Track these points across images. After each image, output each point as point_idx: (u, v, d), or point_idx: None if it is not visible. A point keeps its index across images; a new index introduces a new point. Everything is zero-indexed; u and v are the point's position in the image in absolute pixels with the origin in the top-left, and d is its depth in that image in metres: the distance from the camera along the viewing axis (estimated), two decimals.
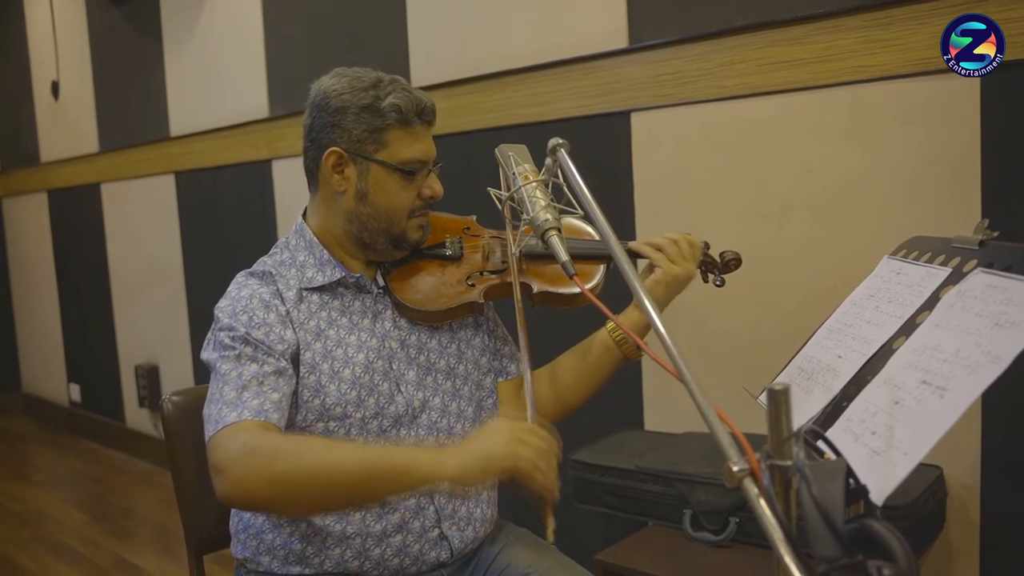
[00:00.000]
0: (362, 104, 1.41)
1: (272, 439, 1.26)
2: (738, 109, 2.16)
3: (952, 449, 1.87)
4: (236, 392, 1.30)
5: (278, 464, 1.21)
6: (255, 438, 1.25)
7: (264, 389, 1.31)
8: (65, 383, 5.37)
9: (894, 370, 1.00)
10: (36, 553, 3.54)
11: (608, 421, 2.41)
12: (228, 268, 1.51)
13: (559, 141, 1.27)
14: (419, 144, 1.44)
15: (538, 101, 2.55)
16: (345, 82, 1.43)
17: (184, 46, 3.96)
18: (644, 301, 1.01)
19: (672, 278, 1.50)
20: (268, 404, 1.30)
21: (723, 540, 1.87)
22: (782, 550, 0.72)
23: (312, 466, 1.21)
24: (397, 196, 1.45)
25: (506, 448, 1.17)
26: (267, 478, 1.21)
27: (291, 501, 1.25)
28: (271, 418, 1.29)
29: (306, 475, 1.21)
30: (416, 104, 1.42)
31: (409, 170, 1.44)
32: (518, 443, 1.18)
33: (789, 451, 0.80)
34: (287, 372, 1.36)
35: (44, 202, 5.29)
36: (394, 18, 2.94)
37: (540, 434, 1.22)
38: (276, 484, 1.21)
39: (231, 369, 1.33)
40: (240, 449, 1.23)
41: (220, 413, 1.28)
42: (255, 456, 1.22)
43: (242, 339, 1.35)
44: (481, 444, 1.19)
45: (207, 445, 1.29)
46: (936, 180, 1.88)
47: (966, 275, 1.02)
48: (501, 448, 1.17)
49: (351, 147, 1.43)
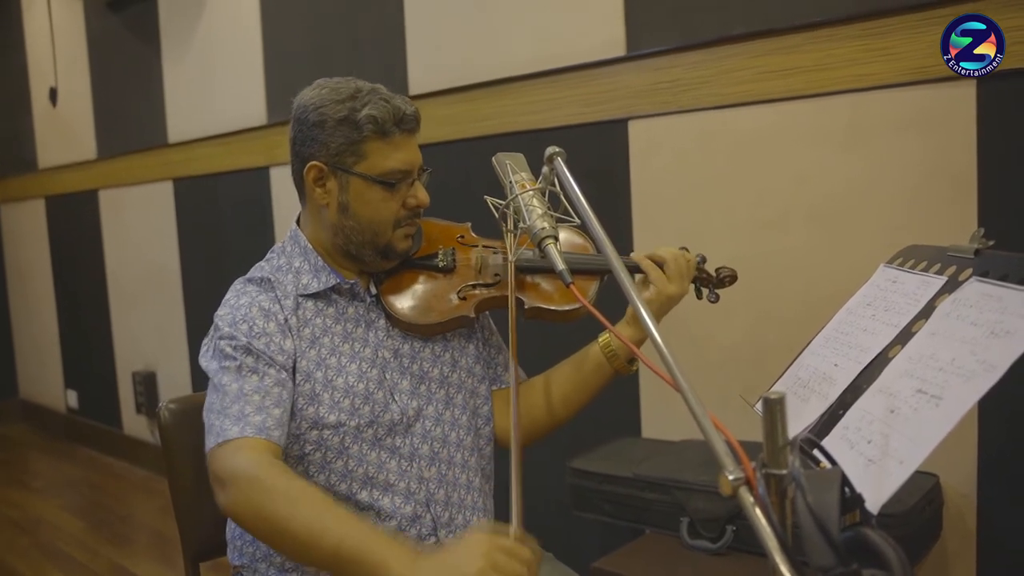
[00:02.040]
0: (339, 117, 1.40)
1: (275, 476, 1.24)
2: (736, 117, 2.17)
3: (949, 457, 1.87)
4: (239, 405, 1.30)
5: (270, 505, 1.21)
6: (259, 465, 1.25)
7: (267, 404, 1.31)
8: (62, 389, 5.36)
9: (890, 379, 1.00)
10: (33, 560, 3.53)
11: (606, 429, 2.41)
12: (226, 275, 1.51)
13: (556, 150, 1.27)
14: (399, 154, 1.43)
15: (536, 109, 2.56)
16: (323, 94, 1.42)
17: (182, 53, 3.96)
18: (643, 315, 1.01)
19: (667, 298, 1.49)
20: (271, 421, 1.30)
21: (720, 548, 1.87)
22: (777, 559, 0.73)
23: (297, 524, 1.19)
24: (379, 208, 1.43)
25: (481, 568, 1.06)
26: (256, 511, 1.22)
27: (269, 539, 1.26)
28: (273, 436, 1.29)
29: (290, 529, 1.20)
30: (394, 113, 1.40)
31: (390, 181, 1.42)
32: (494, 567, 1.07)
33: (785, 460, 0.80)
34: (287, 384, 1.36)
35: (42, 209, 5.28)
36: (392, 26, 2.94)
37: (519, 555, 1.10)
38: (262, 520, 1.22)
39: (233, 380, 1.33)
40: (243, 469, 1.24)
41: (223, 426, 1.29)
42: (254, 485, 1.23)
43: (244, 349, 1.35)
44: (455, 564, 1.09)
45: (208, 455, 1.30)
46: (934, 189, 1.88)
47: (962, 284, 1.02)
48: (475, 569, 1.06)
49: (330, 160, 1.42)
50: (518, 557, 1.09)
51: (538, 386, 1.60)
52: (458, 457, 1.50)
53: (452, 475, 1.48)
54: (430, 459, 1.46)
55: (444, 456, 1.48)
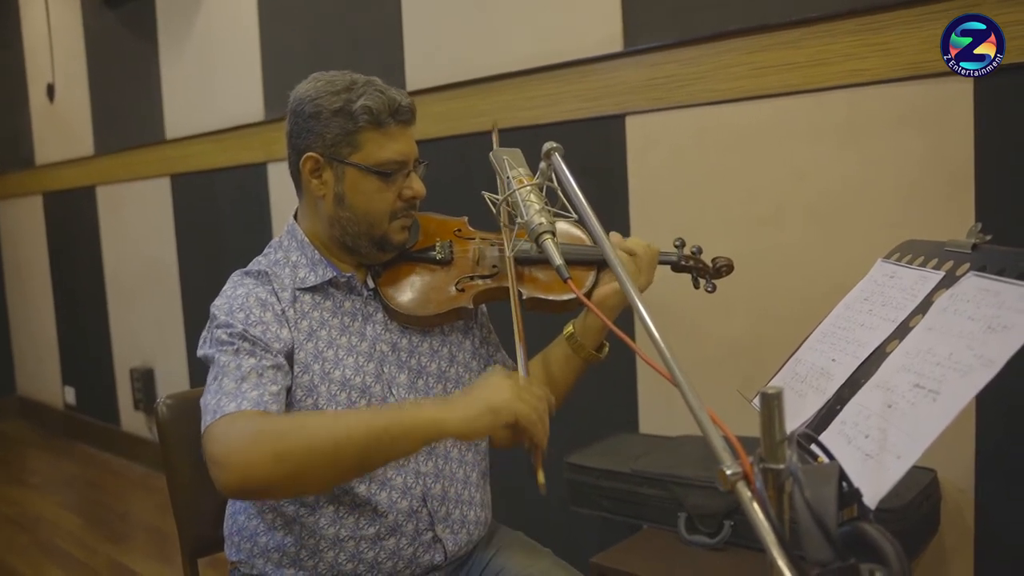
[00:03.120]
0: (334, 108, 1.41)
1: (275, 419, 1.27)
2: (732, 113, 2.17)
3: (947, 452, 1.87)
4: (235, 383, 1.29)
5: (283, 442, 1.20)
6: (257, 421, 1.25)
7: (263, 381, 1.31)
8: (60, 386, 5.36)
9: (887, 373, 1.00)
10: (32, 557, 3.53)
11: (603, 424, 2.41)
12: (224, 271, 1.51)
13: (553, 145, 1.27)
14: (394, 144, 1.44)
15: (533, 105, 2.56)
16: (319, 86, 1.43)
17: (180, 49, 3.96)
18: (638, 306, 1.01)
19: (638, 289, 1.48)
20: (267, 396, 1.29)
21: (718, 543, 1.87)
22: (775, 554, 0.73)
23: (318, 438, 1.21)
24: (375, 198, 1.44)
25: (510, 403, 1.21)
26: (273, 456, 1.19)
27: (299, 476, 1.21)
28: (270, 409, 1.29)
29: (314, 448, 1.20)
30: (389, 104, 1.42)
31: (385, 171, 1.43)
32: (519, 397, 1.22)
33: (782, 454, 0.80)
34: (284, 368, 1.36)
35: (39, 205, 5.28)
36: (390, 22, 2.94)
37: (538, 387, 1.27)
38: (283, 461, 1.19)
39: (229, 361, 1.32)
40: (242, 434, 1.22)
41: (219, 403, 1.27)
42: (259, 437, 1.21)
43: (240, 335, 1.35)
44: (485, 397, 1.23)
45: (203, 435, 1.26)
46: (931, 184, 1.88)
47: (959, 279, 1.02)
48: (505, 402, 1.21)
49: (326, 151, 1.43)
50: (537, 387, 1.27)
51: None
52: (455, 452, 1.50)
53: (449, 470, 1.48)
54: (427, 454, 1.46)
55: (441, 451, 1.48)
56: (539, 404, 1.24)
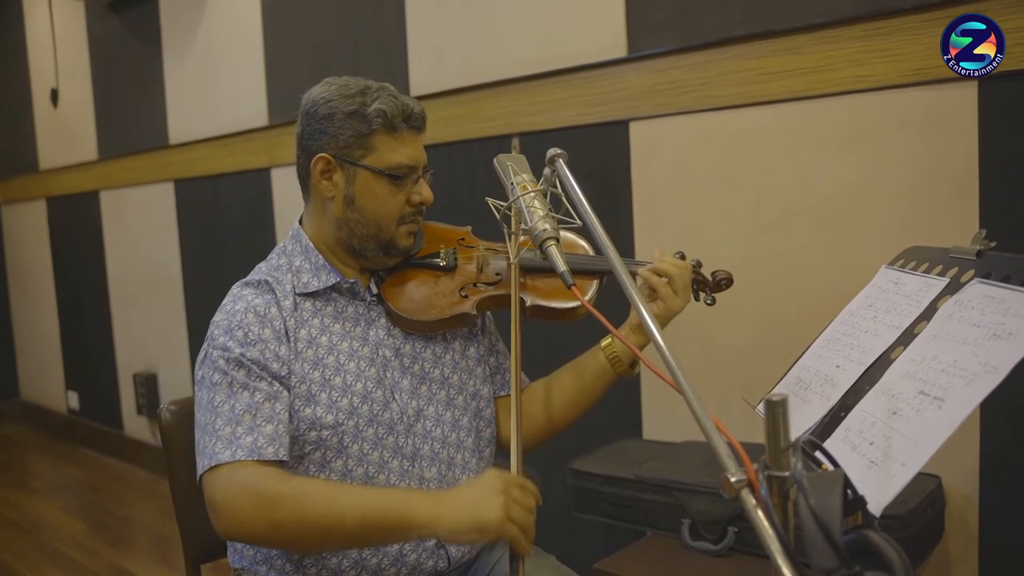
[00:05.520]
0: (348, 110, 1.42)
1: (274, 483, 1.27)
2: (736, 118, 2.17)
3: (951, 459, 1.87)
4: (230, 427, 1.31)
5: (280, 512, 1.24)
6: (256, 481, 1.27)
7: (257, 422, 1.32)
8: (63, 391, 5.36)
9: (892, 380, 1.00)
10: (34, 561, 3.53)
11: (607, 430, 2.40)
12: (227, 276, 1.51)
13: (557, 151, 1.27)
14: (406, 149, 1.45)
15: (537, 110, 2.56)
16: (333, 90, 1.44)
17: (184, 54, 3.97)
18: (648, 322, 1.01)
19: (673, 313, 1.50)
20: (262, 439, 1.31)
21: (722, 549, 1.87)
22: (780, 561, 0.72)
23: (313, 515, 1.24)
24: (385, 202, 1.45)
25: (497, 525, 1.19)
26: (269, 523, 1.25)
27: (292, 544, 1.32)
28: (265, 454, 1.30)
29: (307, 523, 1.24)
30: (403, 110, 1.43)
31: (396, 175, 1.44)
32: (507, 515, 1.20)
33: (787, 462, 0.80)
34: (281, 396, 1.36)
35: (43, 210, 5.29)
36: (394, 27, 2.94)
37: (529, 490, 1.24)
38: (279, 530, 1.25)
39: (224, 401, 1.33)
40: (241, 490, 1.26)
41: (214, 448, 1.30)
42: (258, 502, 1.25)
43: (236, 362, 1.35)
44: (475, 513, 1.20)
45: (201, 479, 1.32)
46: (935, 190, 1.88)
47: (964, 285, 1.02)
48: (493, 523, 1.19)
49: (338, 153, 1.43)
50: (529, 490, 1.23)
51: (538, 394, 1.60)
52: (458, 458, 1.50)
53: (452, 476, 1.48)
54: (431, 459, 1.46)
55: (445, 457, 1.48)
56: (526, 517, 1.22)
